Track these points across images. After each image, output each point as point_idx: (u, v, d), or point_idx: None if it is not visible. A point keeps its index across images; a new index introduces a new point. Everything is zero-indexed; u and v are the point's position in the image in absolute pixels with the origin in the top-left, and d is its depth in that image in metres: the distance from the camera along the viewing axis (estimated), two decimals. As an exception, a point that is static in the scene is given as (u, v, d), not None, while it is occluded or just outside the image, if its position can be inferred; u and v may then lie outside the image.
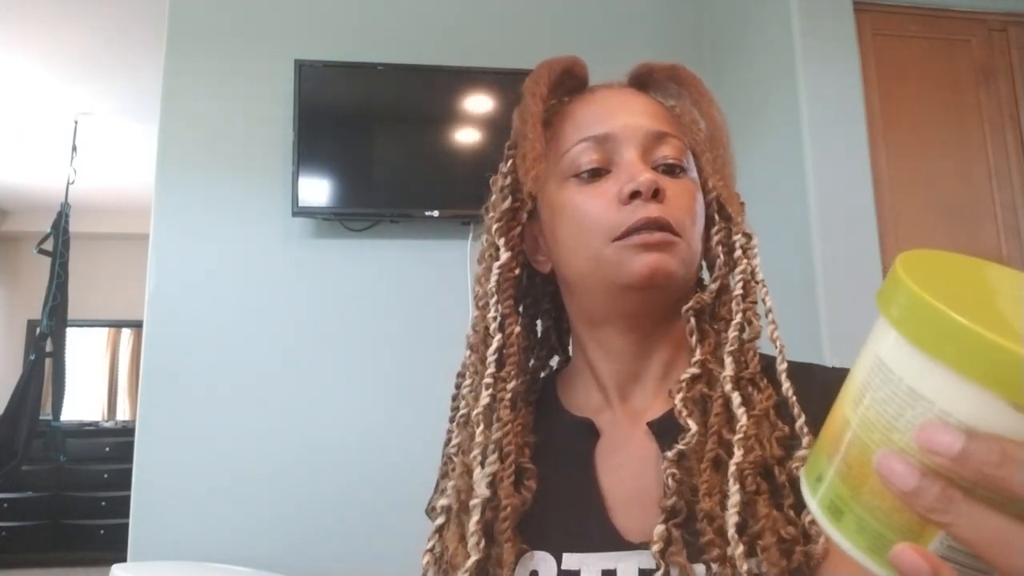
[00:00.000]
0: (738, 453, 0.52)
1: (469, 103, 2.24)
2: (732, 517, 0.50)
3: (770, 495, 0.52)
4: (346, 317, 2.13)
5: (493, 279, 0.63)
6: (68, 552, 4.79)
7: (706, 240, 0.64)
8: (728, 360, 0.57)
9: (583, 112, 0.64)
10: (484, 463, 0.58)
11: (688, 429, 0.55)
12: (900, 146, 1.96)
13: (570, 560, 0.56)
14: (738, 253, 0.62)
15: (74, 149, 3.86)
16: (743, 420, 0.54)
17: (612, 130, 0.61)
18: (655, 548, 0.51)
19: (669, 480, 0.53)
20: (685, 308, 0.61)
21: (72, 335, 3.99)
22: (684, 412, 0.56)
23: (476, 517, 0.56)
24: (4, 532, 4.77)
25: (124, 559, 1.90)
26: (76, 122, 3.82)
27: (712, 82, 0.64)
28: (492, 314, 0.62)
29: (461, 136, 2.24)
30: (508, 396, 0.60)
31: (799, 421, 0.54)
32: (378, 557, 1.95)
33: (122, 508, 2.06)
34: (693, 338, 0.60)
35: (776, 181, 2.01)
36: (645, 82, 0.67)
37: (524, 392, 0.65)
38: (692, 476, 0.54)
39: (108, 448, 5.03)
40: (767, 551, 0.49)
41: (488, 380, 0.60)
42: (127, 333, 5.71)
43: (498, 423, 0.59)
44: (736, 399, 0.55)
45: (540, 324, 0.72)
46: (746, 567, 0.49)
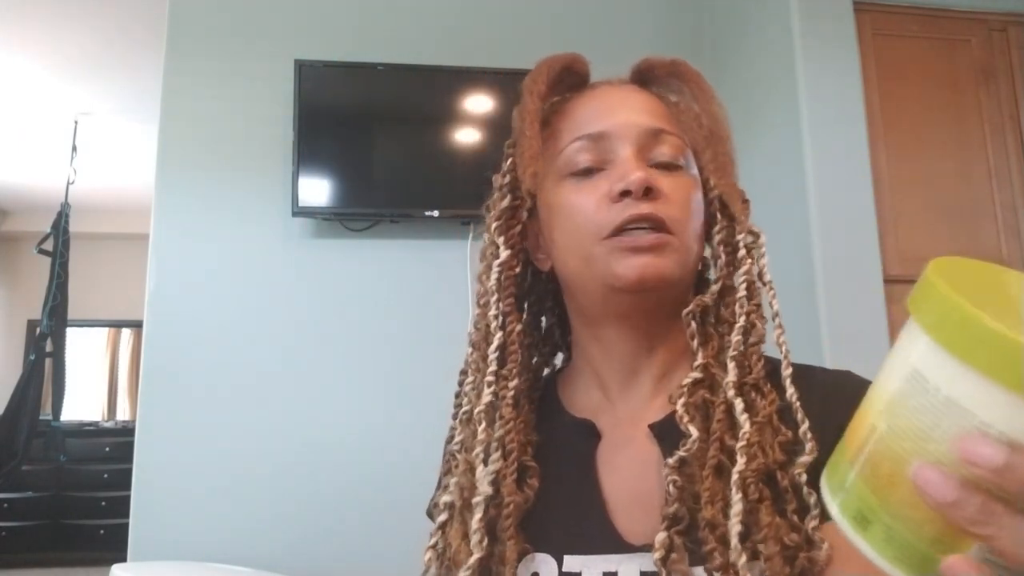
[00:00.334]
0: (741, 461, 0.52)
1: (469, 103, 2.24)
2: (735, 526, 0.50)
3: (773, 501, 0.51)
4: (346, 317, 2.13)
5: (493, 277, 0.63)
6: (68, 552, 4.79)
7: (708, 239, 0.63)
8: (731, 365, 0.57)
9: (581, 110, 0.63)
10: (487, 461, 0.58)
11: (690, 435, 0.54)
12: (900, 146, 1.96)
13: (571, 562, 0.56)
14: (742, 252, 0.61)
15: (74, 149, 3.86)
16: (746, 427, 0.53)
17: (608, 128, 0.60)
18: (657, 556, 0.51)
19: (671, 487, 0.53)
20: (686, 312, 0.60)
21: (72, 335, 3.99)
22: (686, 418, 0.55)
23: (479, 515, 0.56)
24: (4, 532, 4.77)
25: (124, 559, 1.90)
26: (76, 122, 3.82)
27: (712, 82, 0.63)
28: (493, 312, 0.62)
29: (461, 136, 2.24)
30: (511, 394, 0.60)
31: (803, 427, 0.53)
32: (378, 557, 1.95)
33: (122, 508, 2.06)
34: (695, 342, 0.59)
35: (776, 181, 2.01)
36: (646, 78, 0.66)
37: (527, 390, 0.65)
38: (694, 483, 0.53)
39: (108, 448, 5.03)
40: (770, 560, 0.49)
41: (490, 378, 0.60)
42: (127, 333, 5.71)
43: (500, 421, 0.59)
44: (739, 405, 0.54)
45: (544, 321, 0.71)
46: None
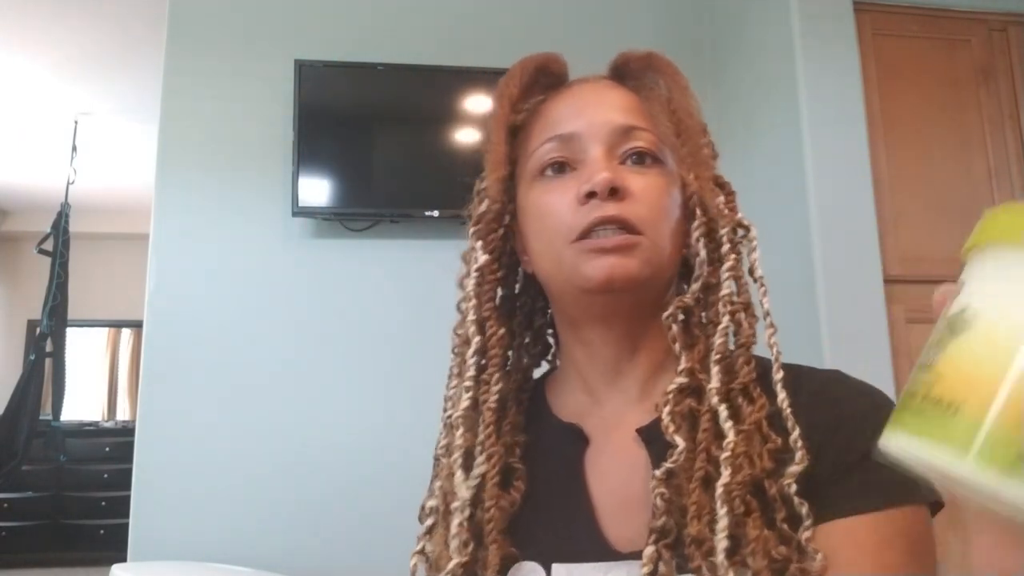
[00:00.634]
0: (726, 473, 0.50)
1: (469, 103, 2.24)
2: (722, 541, 0.48)
3: (762, 512, 0.50)
4: (346, 317, 2.13)
5: (472, 282, 0.63)
6: (68, 552, 4.79)
7: (687, 237, 0.60)
8: (715, 370, 0.55)
9: (554, 111, 0.63)
10: (466, 466, 0.57)
11: (676, 445, 0.52)
12: (900, 146, 1.96)
13: (559, 571, 0.55)
14: (725, 247, 0.58)
15: (74, 149, 3.85)
16: (731, 436, 0.51)
17: (577, 128, 0.60)
18: (645, 571, 0.50)
19: (658, 500, 0.51)
20: (666, 315, 0.58)
21: (72, 335, 3.99)
22: (671, 427, 0.53)
23: (457, 520, 0.55)
24: (4, 532, 4.77)
25: (124, 559, 1.90)
26: (76, 122, 3.81)
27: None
28: (472, 317, 0.61)
29: (461, 136, 2.24)
30: (493, 398, 0.59)
31: (793, 434, 0.52)
32: (378, 557, 1.95)
33: (122, 508, 2.06)
34: (677, 345, 0.57)
35: (776, 181, 2.01)
36: (622, 73, 0.65)
37: (515, 391, 0.64)
38: (681, 495, 0.52)
39: (108, 448, 5.03)
40: (758, 574, 0.48)
41: (468, 383, 0.59)
42: (127, 333, 5.70)
43: (482, 424, 0.58)
44: (723, 413, 0.53)
45: (536, 321, 0.70)
46: None
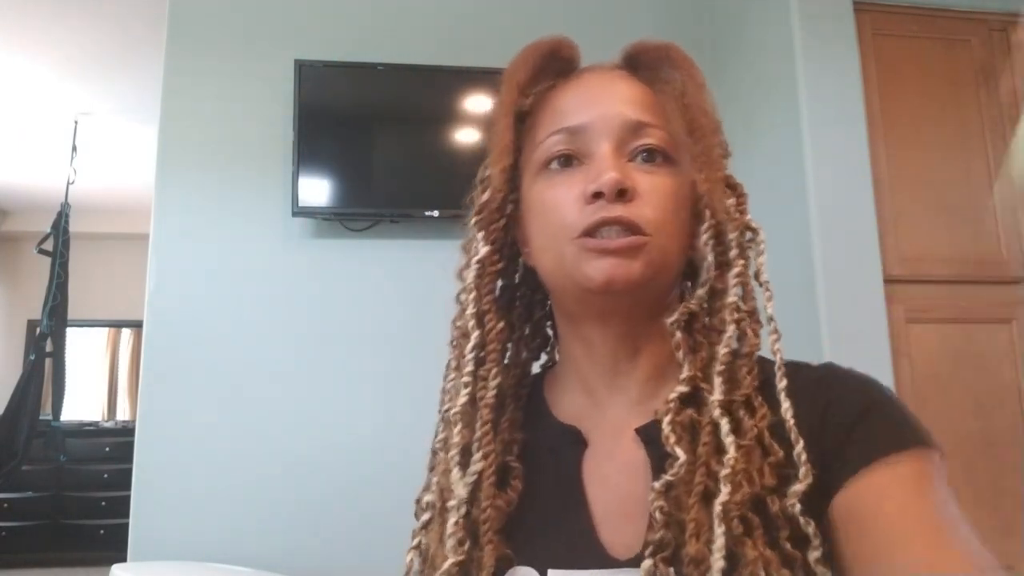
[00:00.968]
0: (724, 491, 0.48)
1: (469, 103, 2.24)
2: (718, 562, 0.47)
3: (765, 530, 0.48)
4: (346, 317, 2.13)
5: (472, 274, 0.61)
6: (68, 552, 4.78)
7: (694, 238, 0.58)
8: (718, 381, 0.53)
9: (563, 100, 0.60)
10: (463, 463, 0.56)
11: (676, 457, 0.51)
12: (900, 146, 1.96)
13: None
14: (733, 252, 0.56)
15: (74, 149, 3.85)
16: (731, 452, 0.50)
17: (586, 121, 0.57)
18: None
19: (657, 513, 0.50)
20: (671, 321, 0.56)
21: (72, 335, 3.99)
22: (672, 438, 0.52)
23: (454, 519, 0.54)
24: (4, 532, 4.77)
25: (124, 559, 1.90)
26: (76, 122, 3.81)
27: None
28: (471, 310, 0.60)
29: (461, 136, 2.24)
30: (491, 393, 0.58)
31: (797, 447, 0.50)
32: (378, 557, 1.95)
33: (122, 508, 2.06)
34: (680, 352, 0.55)
35: (776, 181, 2.01)
36: (636, 64, 0.62)
37: (514, 386, 0.63)
38: (680, 508, 0.50)
39: (108, 448, 5.02)
40: None
41: (467, 378, 0.58)
42: (127, 333, 5.70)
43: (480, 422, 0.57)
44: (725, 427, 0.51)
45: (536, 314, 0.68)
46: None
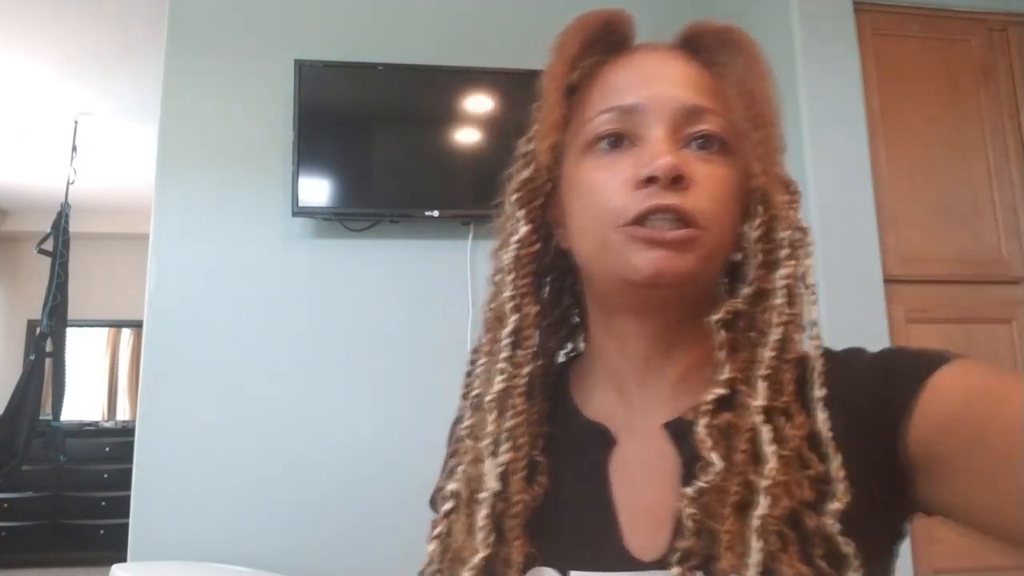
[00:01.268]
0: (764, 503, 0.45)
1: (469, 103, 2.24)
2: None
3: (800, 546, 0.46)
4: (346, 317, 2.13)
5: (510, 254, 0.58)
6: (68, 552, 4.79)
7: (743, 234, 0.55)
8: (762, 386, 0.50)
9: (615, 77, 0.57)
10: (496, 453, 0.54)
11: (711, 463, 0.48)
12: (900, 146, 1.96)
13: None
14: (784, 251, 0.53)
15: (74, 149, 3.85)
16: (772, 463, 0.47)
17: (641, 101, 0.54)
18: None
19: (688, 521, 0.48)
20: (716, 318, 0.53)
21: (72, 335, 3.99)
22: (708, 443, 0.49)
23: (486, 511, 0.52)
24: (4, 532, 4.77)
25: (124, 559, 1.90)
26: (76, 122, 3.81)
27: None
28: (508, 293, 0.57)
29: (461, 136, 2.24)
30: (523, 381, 0.56)
31: (835, 463, 0.47)
32: (378, 557, 1.95)
33: (122, 508, 2.06)
34: (723, 352, 0.52)
35: (776, 181, 2.00)
36: (695, 45, 0.58)
37: (541, 376, 0.60)
38: (712, 518, 0.48)
39: (108, 448, 5.02)
40: None
41: (502, 364, 0.56)
42: (127, 333, 5.70)
43: (512, 411, 0.55)
44: (766, 435, 0.48)
45: (563, 301, 0.65)
46: None
